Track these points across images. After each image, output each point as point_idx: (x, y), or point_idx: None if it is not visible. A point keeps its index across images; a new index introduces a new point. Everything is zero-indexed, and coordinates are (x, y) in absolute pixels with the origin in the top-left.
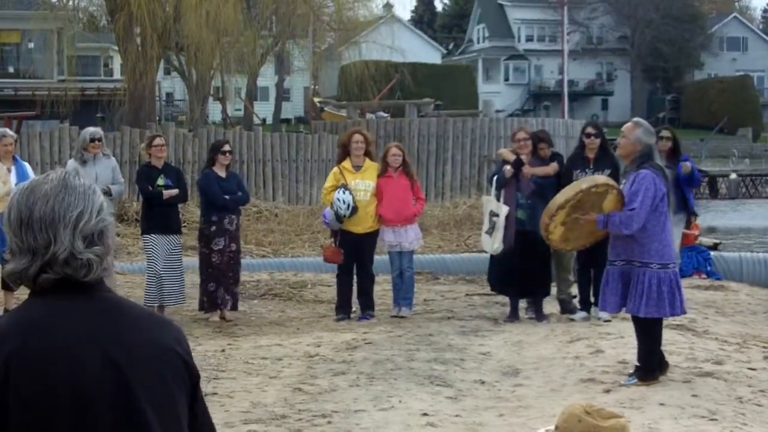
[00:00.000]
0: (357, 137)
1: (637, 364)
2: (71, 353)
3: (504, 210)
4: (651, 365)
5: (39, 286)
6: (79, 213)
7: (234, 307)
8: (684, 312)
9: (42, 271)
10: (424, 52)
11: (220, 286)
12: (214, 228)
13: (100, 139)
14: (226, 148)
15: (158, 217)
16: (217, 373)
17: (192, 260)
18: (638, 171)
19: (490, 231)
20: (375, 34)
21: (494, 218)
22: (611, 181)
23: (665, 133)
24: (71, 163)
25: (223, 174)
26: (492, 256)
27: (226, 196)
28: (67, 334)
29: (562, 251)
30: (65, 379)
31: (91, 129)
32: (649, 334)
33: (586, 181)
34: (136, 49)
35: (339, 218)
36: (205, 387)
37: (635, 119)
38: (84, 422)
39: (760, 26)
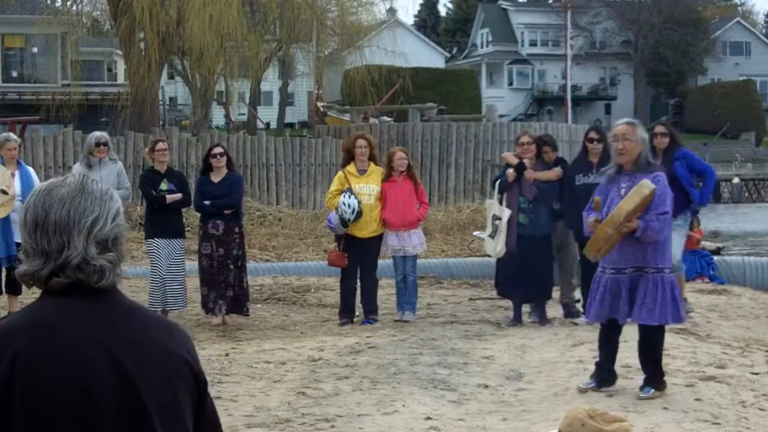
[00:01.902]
0: (360, 142)
1: (647, 374)
2: (77, 354)
3: (506, 213)
4: (661, 371)
5: (50, 289)
6: (94, 219)
7: (233, 311)
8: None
9: (54, 275)
10: (427, 56)
11: (212, 290)
12: (201, 232)
13: (105, 144)
14: (215, 151)
15: (161, 221)
16: (221, 377)
17: (195, 264)
18: (654, 173)
19: (493, 234)
20: (378, 38)
21: (497, 222)
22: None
23: (660, 128)
24: (77, 167)
25: (218, 178)
26: (498, 260)
27: (206, 202)
28: (74, 336)
29: (593, 259)
30: (70, 379)
31: (97, 133)
32: (661, 340)
33: (646, 186)
34: (139, 54)
35: (344, 222)
36: (209, 391)
37: (628, 120)
38: (88, 423)
39: (763, 31)
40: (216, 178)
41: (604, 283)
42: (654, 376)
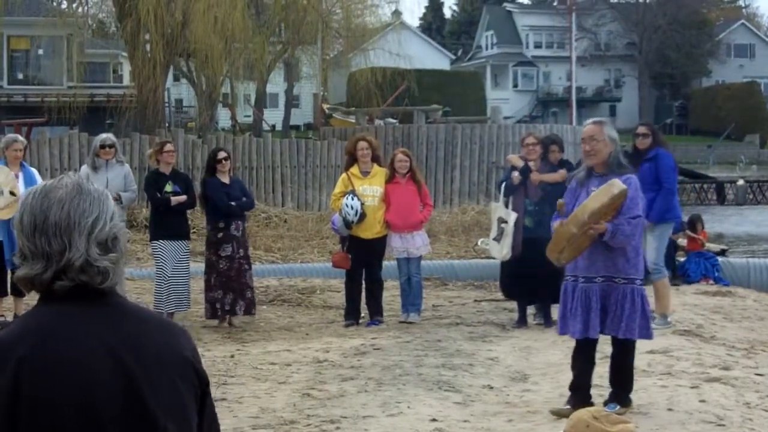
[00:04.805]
0: (362, 144)
1: (613, 388)
2: (80, 359)
3: (512, 216)
4: (630, 387)
5: (52, 293)
6: (94, 219)
7: (248, 312)
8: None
9: (56, 278)
10: (432, 58)
11: (229, 292)
12: (221, 234)
13: (111, 146)
14: (221, 155)
15: (167, 223)
16: (226, 379)
17: (200, 266)
18: (625, 176)
19: (499, 237)
20: (383, 41)
21: (503, 225)
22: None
23: (641, 129)
24: (84, 169)
25: (226, 180)
26: (502, 262)
27: (232, 203)
28: (77, 341)
29: (556, 262)
30: (74, 385)
31: (103, 135)
32: (632, 356)
33: (615, 186)
34: (144, 55)
35: (347, 224)
36: (214, 392)
37: (595, 119)
38: (92, 428)
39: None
40: (225, 180)
41: (576, 295)
42: (620, 392)
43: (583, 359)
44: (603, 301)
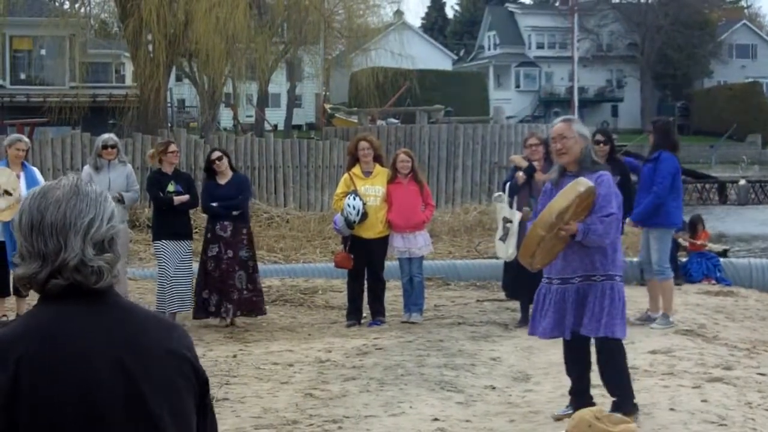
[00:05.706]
0: (363, 144)
1: (613, 396)
2: (80, 359)
3: (517, 216)
4: (630, 392)
5: (48, 292)
6: (90, 220)
7: (235, 315)
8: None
9: (52, 277)
10: (434, 58)
11: (214, 293)
12: (209, 235)
13: (114, 146)
14: (213, 156)
15: (169, 223)
16: (229, 379)
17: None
18: (598, 173)
19: (504, 237)
20: (385, 41)
21: (508, 225)
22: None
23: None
24: (86, 169)
25: (224, 181)
26: (505, 262)
27: (214, 204)
28: (76, 340)
29: (530, 267)
30: (75, 384)
31: (105, 135)
32: (620, 356)
33: (581, 183)
34: (146, 56)
35: (349, 224)
36: (217, 392)
37: (564, 117)
38: (94, 427)
39: None
40: (222, 180)
41: (550, 296)
42: (621, 400)
43: (574, 361)
44: (581, 300)
